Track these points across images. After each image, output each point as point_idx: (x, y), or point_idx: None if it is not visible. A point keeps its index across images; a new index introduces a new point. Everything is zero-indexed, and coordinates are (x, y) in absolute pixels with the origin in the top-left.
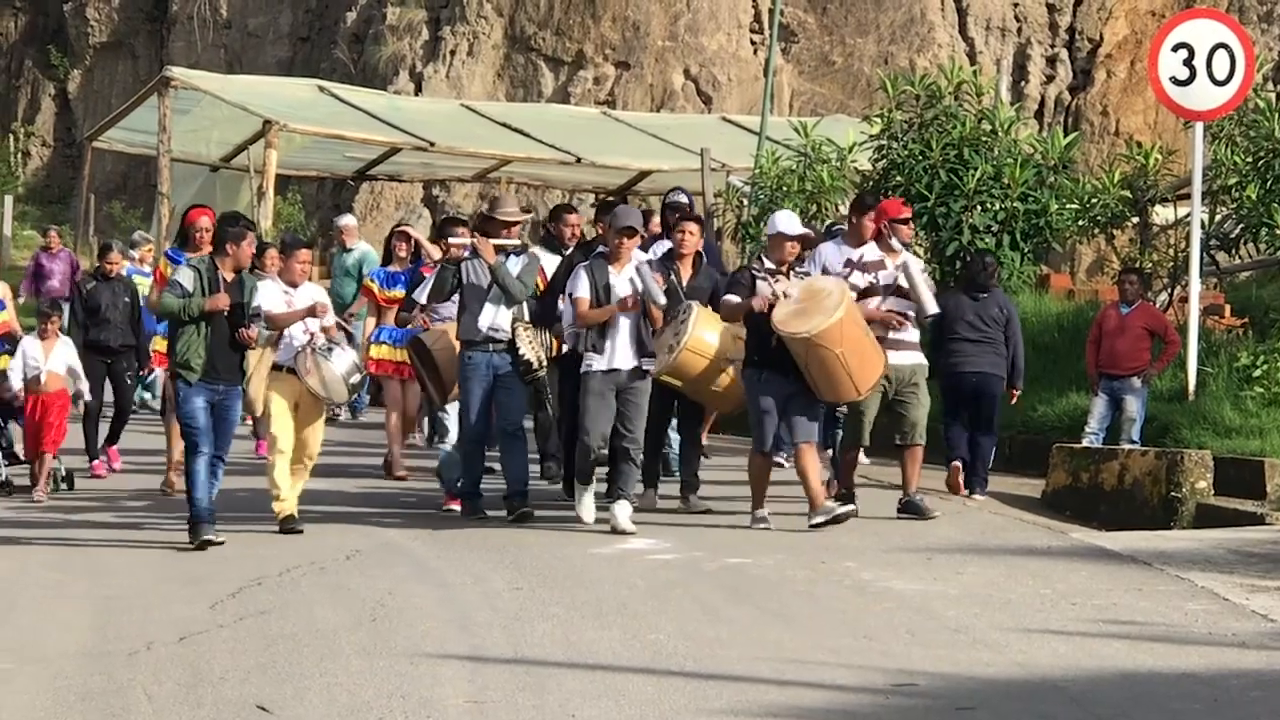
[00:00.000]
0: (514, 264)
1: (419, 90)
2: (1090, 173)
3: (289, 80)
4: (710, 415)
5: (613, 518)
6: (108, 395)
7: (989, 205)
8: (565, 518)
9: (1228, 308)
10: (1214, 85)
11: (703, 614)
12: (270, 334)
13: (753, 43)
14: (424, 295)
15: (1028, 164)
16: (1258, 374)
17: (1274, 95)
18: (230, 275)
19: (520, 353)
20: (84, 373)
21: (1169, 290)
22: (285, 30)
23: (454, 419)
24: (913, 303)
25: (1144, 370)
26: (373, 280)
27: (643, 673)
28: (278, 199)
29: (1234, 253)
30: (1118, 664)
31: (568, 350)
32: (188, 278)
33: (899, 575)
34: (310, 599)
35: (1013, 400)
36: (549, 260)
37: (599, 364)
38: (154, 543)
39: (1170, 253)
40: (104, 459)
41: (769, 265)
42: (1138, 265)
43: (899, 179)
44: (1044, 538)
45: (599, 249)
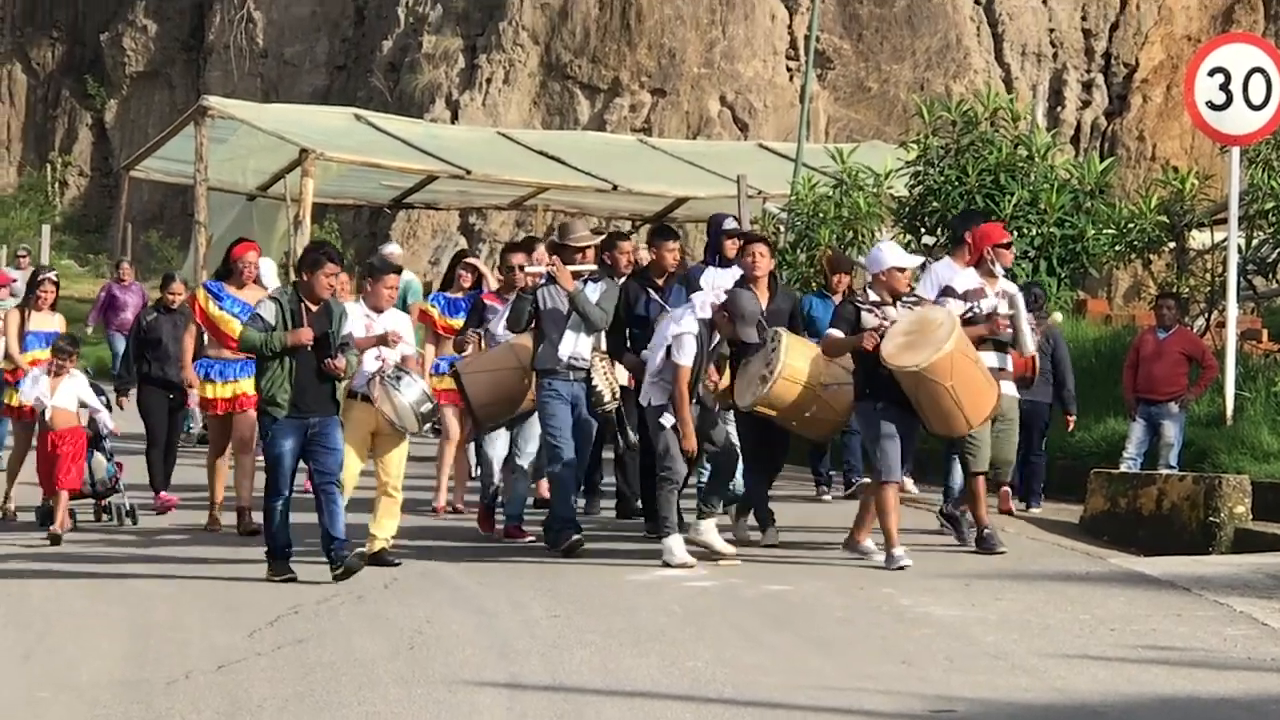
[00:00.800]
0: (592, 290)
1: (455, 118)
2: (1127, 198)
3: (325, 109)
4: None
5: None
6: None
7: (1026, 231)
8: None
9: (1265, 332)
10: (1250, 110)
11: (741, 641)
12: (378, 364)
13: (789, 69)
14: (500, 325)
15: (1064, 189)
16: None
17: None
18: (315, 305)
19: (594, 384)
20: (149, 409)
21: (1206, 315)
22: (321, 59)
23: (499, 448)
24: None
25: (1181, 395)
26: (433, 305)
27: (681, 700)
28: (315, 227)
29: (1271, 277)
30: (1156, 690)
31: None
32: (269, 310)
33: (937, 601)
34: (348, 627)
35: (1069, 427)
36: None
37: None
38: (191, 572)
39: (1207, 278)
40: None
41: (873, 297)
42: (1175, 290)
43: (935, 205)
44: (1082, 563)
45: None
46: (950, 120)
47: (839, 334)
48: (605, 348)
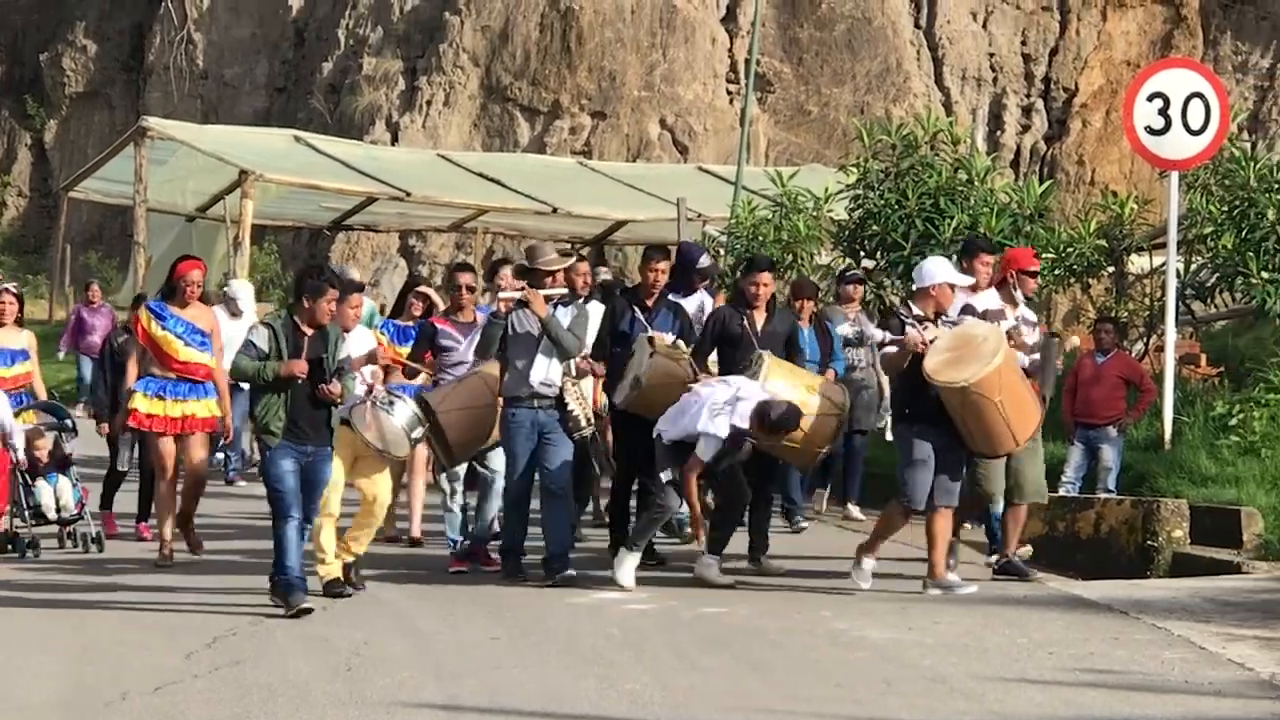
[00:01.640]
0: (562, 315)
1: (395, 140)
2: (1066, 222)
3: (265, 130)
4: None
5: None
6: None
7: None
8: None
9: (1203, 357)
10: (1189, 135)
11: (679, 663)
12: (354, 387)
13: (729, 92)
14: (469, 352)
15: (1003, 213)
16: (1233, 423)
17: (1249, 145)
18: (310, 330)
19: (569, 409)
20: (119, 435)
21: (1145, 339)
22: (261, 81)
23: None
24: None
25: (1120, 419)
26: (383, 333)
27: None
28: (254, 249)
29: (1209, 302)
30: (1094, 713)
31: (620, 405)
32: (262, 337)
33: (874, 625)
34: (285, 649)
35: None
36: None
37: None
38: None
39: (1146, 302)
40: (107, 520)
41: (917, 312)
42: (1113, 314)
43: (875, 228)
44: (1020, 587)
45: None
46: (890, 144)
47: (894, 349)
48: (574, 372)
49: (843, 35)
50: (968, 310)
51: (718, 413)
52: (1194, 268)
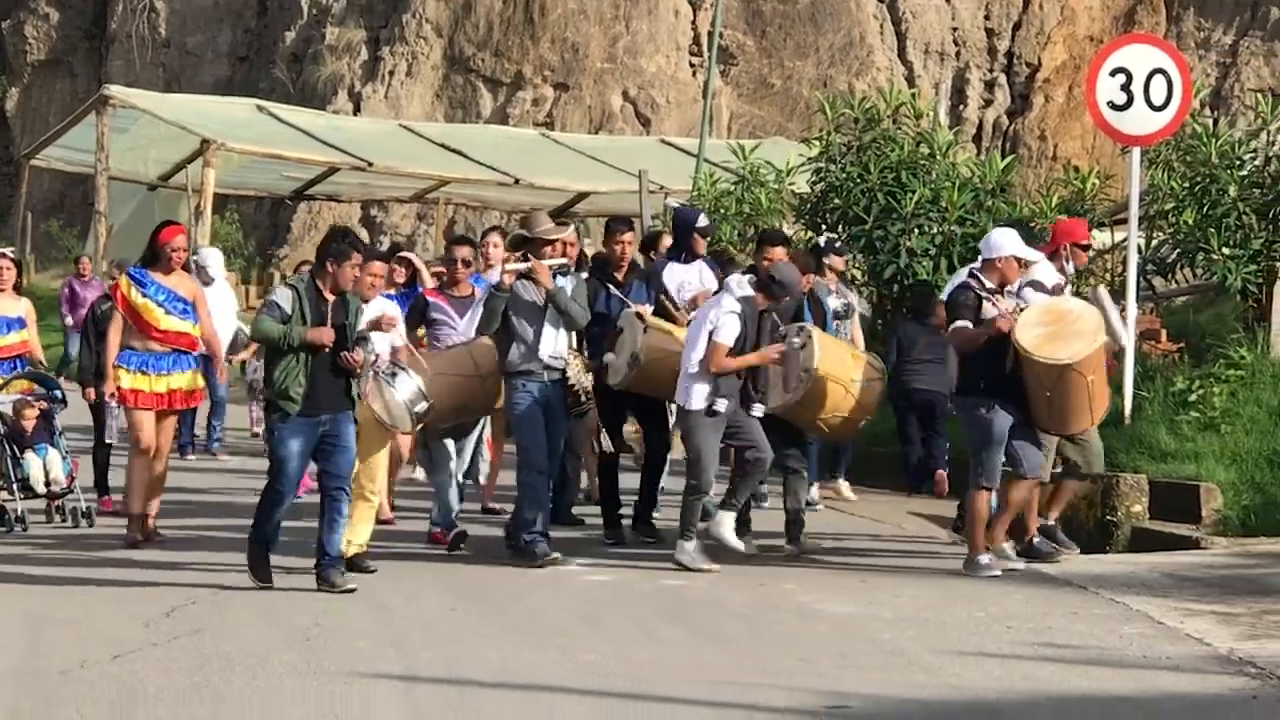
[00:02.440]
0: (563, 285)
1: (358, 110)
2: (1028, 197)
3: (227, 100)
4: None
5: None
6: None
7: (926, 228)
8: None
9: (1164, 332)
10: (1151, 110)
11: (638, 635)
12: (373, 357)
13: (692, 65)
14: (473, 327)
15: (965, 187)
16: (1193, 399)
17: (1211, 121)
18: (331, 296)
19: (572, 384)
20: (103, 405)
21: None
22: (224, 49)
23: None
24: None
25: None
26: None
27: (577, 694)
28: (215, 218)
29: (1170, 278)
30: (1052, 687)
31: (618, 386)
32: (286, 299)
33: (835, 598)
34: (244, 619)
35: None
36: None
37: (719, 406)
38: (87, 563)
39: (1107, 277)
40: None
41: (990, 286)
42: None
43: (837, 202)
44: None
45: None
46: (853, 117)
47: (967, 324)
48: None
49: (806, 9)
50: (1036, 286)
51: (719, 300)
52: (1155, 244)
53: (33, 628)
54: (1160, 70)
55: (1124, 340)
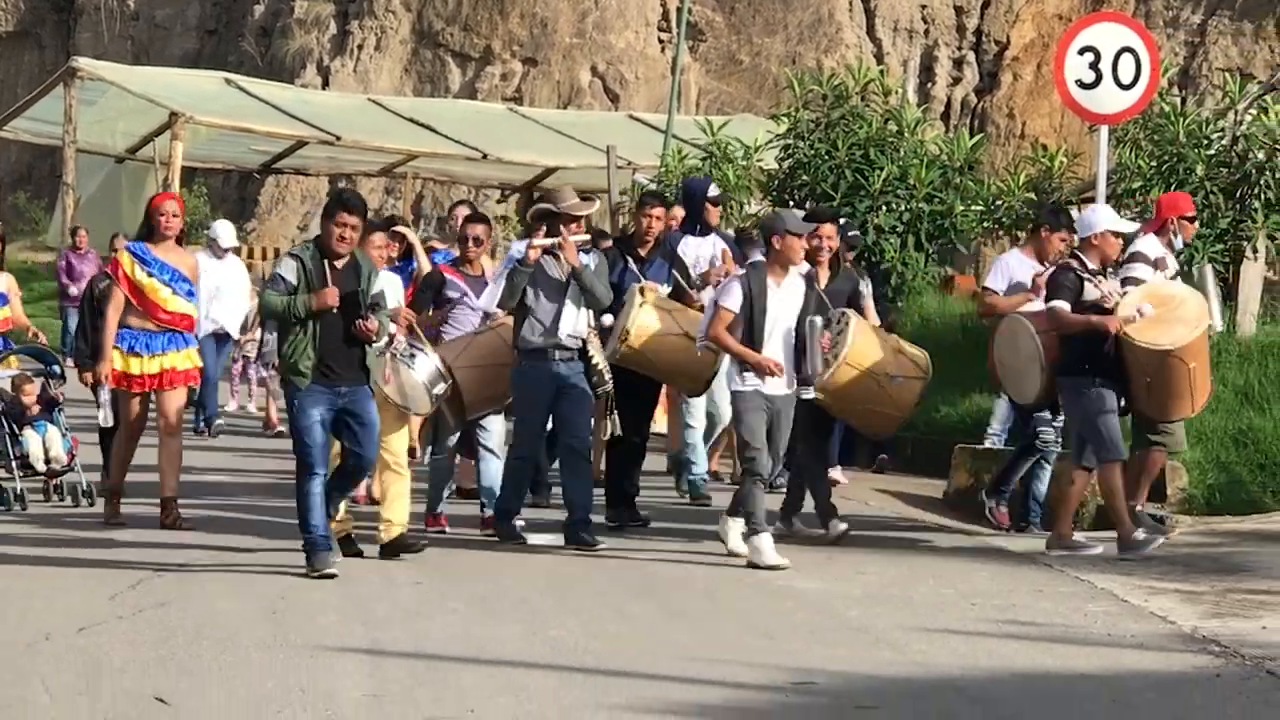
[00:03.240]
0: (587, 263)
1: (326, 84)
2: (995, 175)
3: (196, 72)
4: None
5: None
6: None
7: (894, 206)
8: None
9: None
10: (1119, 89)
11: (605, 610)
12: (392, 324)
13: (660, 41)
14: (494, 303)
15: (933, 165)
16: None
17: (1179, 100)
18: (340, 260)
19: (594, 362)
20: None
21: None
22: (193, 22)
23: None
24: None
25: None
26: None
27: (543, 668)
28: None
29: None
30: (1017, 664)
31: (607, 359)
32: (290, 269)
33: (801, 575)
34: (210, 592)
35: None
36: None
37: (749, 384)
38: (52, 536)
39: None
40: None
41: (1093, 267)
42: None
43: (805, 178)
44: (945, 538)
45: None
46: (821, 94)
47: (1065, 305)
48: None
49: None
50: (1137, 258)
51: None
52: None
53: None
54: (1129, 49)
55: (1218, 323)
